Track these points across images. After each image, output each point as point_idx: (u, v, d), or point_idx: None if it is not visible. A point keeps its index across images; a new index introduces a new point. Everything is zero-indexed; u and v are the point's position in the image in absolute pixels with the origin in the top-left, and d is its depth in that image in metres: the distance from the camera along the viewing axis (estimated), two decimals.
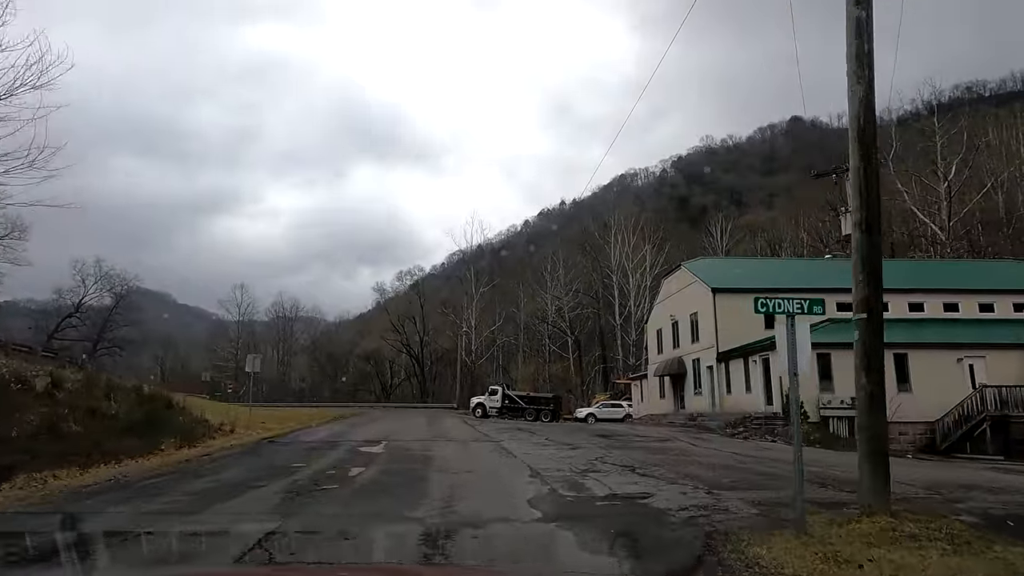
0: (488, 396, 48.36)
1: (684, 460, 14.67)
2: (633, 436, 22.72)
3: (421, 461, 13.96)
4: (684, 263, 36.71)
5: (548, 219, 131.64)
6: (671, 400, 36.42)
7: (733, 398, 29.54)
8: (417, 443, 19.18)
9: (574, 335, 65.36)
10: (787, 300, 6.87)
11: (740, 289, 31.50)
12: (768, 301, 6.93)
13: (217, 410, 32.37)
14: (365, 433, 23.90)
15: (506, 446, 18.22)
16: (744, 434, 23.51)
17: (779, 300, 6.87)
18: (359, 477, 11.17)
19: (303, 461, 13.92)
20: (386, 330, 75.89)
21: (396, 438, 21.40)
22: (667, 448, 18.22)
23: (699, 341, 32.88)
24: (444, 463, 13.67)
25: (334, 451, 16.59)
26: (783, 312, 6.84)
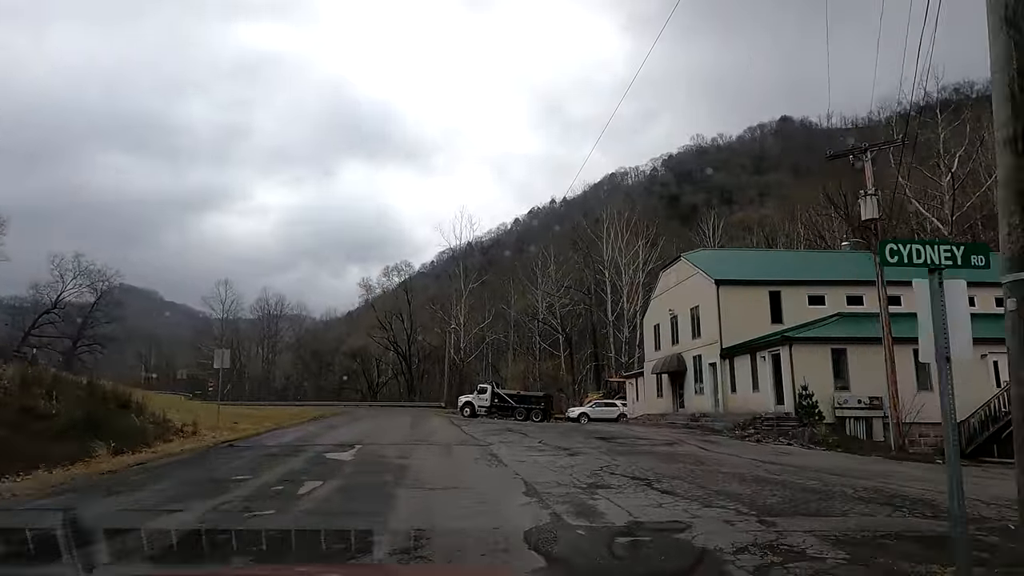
0: (477, 395, 45.96)
1: (705, 470, 12.32)
2: (635, 439, 20.37)
3: (394, 472, 11.52)
4: (684, 254, 34.44)
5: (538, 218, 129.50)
6: (669, 399, 34.14)
7: (738, 397, 27.27)
8: (394, 448, 16.73)
9: (565, 332, 63.03)
10: (930, 246, 4.41)
11: (745, 281, 29.31)
12: (900, 247, 4.46)
13: (189, 409, 29.82)
14: (340, 435, 21.42)
15: (495, 451, 15.81)
16: (755, 436, 21.23)
17: (917, 247, 4.42)
18: (309, 497, 8.72)
19: (251, 472, 11.44)
20: (373, 327, 73.20)
21: (372, 441, 18.94)
22: (678, 454, 15.87)
23: (700, 336, 30.60)
24: (421, 475, 11.23)
25: (295, 458, 14.11)
26: (925, 264, 4.39)
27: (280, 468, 12.25)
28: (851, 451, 19.43)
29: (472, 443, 18.66)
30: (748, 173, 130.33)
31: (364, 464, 13.05)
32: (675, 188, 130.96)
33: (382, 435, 22.04)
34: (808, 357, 23.57)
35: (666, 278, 35.54)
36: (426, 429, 25.79)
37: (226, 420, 32.42)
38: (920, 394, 22.54)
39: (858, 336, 24.04)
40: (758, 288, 28.98)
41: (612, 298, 60.47)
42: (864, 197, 22.29)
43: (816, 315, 27.67)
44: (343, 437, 20.47)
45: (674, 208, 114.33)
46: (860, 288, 28.62)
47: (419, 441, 19.10)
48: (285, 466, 12.57)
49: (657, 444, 18.59)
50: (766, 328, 27.98)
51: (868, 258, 33.86)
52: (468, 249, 78.00)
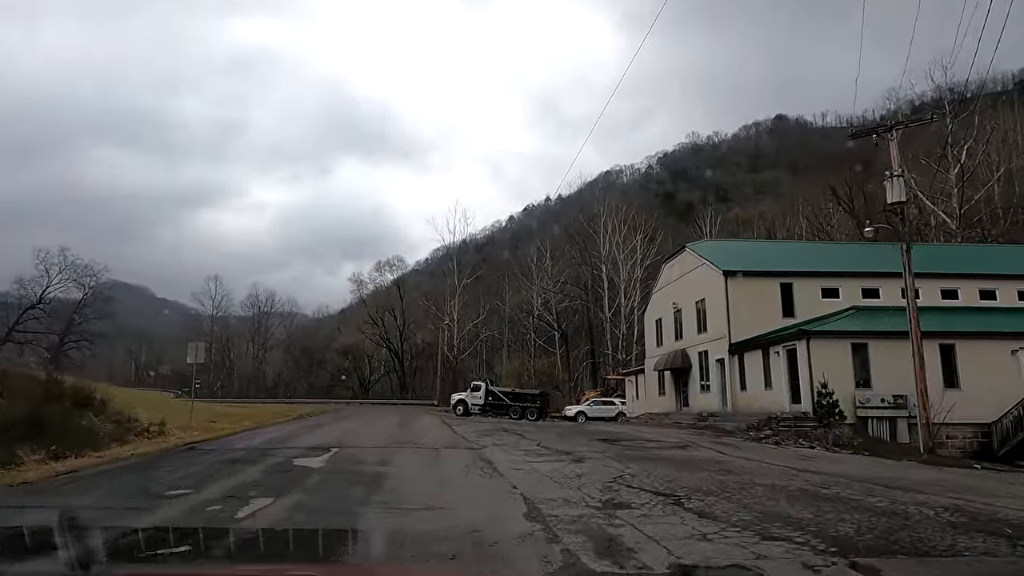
0: (470, 392, 43.95)
1: (737, 481, 10.32)
2: (643, 441, 18.36)
3: (367, 485, 9.48)
4: (689, 245, 32.46)
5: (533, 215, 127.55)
6: (672, 397, 32.18)
7: (749, 395, 25.33)
8: (375, 452, 14.70)
9: (561, 329, 61.06)
10: None
11: (755, 272, 27.37)
12: None
13: (167, 407, 27.84)
14: (319, 436, 19.36)
15: (489, 456, 13.77)
16: (773, 438, 19.28)
17: None
18: (246, 522, 6.66)
19: (194, 485, 9.38)
20: (364, 323, 71.00)
21: (352, 444, 16.89)
22: (696, 460, 13.87)
23: (707, 331, 28.65)
24: (399, 489, 9.20)
25: (256, 465, 12.04)
26: None
27: (232, 479, 10.19)
28: (879, 454, 17.52)
29: (463, 446, 16.62)
30: (744, 171, 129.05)
31: (335, 473, 10.99)
32: (671, 186, 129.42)
33: (365, 436, 19.98)
34: (827, 352, 21.64)
35: (669, 270, 33.56)
36: (415, 429, 23.73)
37: (204, 419, 30.33)
38: (947, 392, 20.71)
39: (880, 330, 22.14)
40: (768, 280, 27.04)
41: (609, 294, 58.53)
42: (890, 179, 20.32)
43: (829, 309, 25.76)
44: (322, 438, 18.40)
45: (670, 205, 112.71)
46: (877, 280, 26.77)
47: (404, 443, 17.04)
48: (239, 476, 10.50)
49: (668, 447, 16.59)
50: (777, 322, 26.09)
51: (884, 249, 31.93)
52: (463, 246, 75.96)
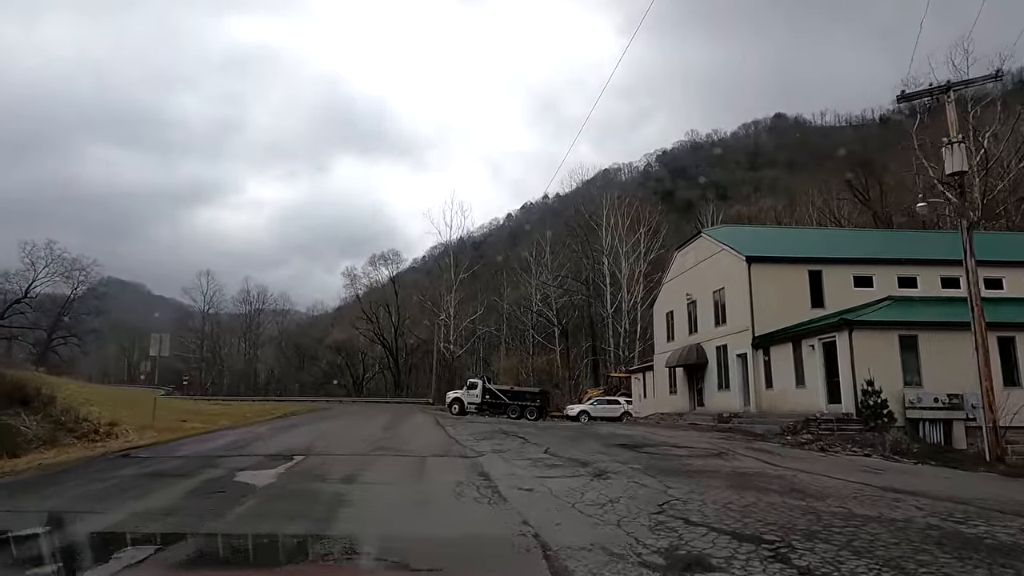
0: (466, 390, 41.03)
1: (826, 510, 7.39)
2: (666, 446, 15.42)
3: (316, 518, 6.54)
4: (705, 230, 29.53)
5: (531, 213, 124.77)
6: (685, 396, 29.26)
7: (776, 394, 22.43)
8: (347, 462, 11.76)
9: (561, 325, 58.11)
10: None
11: (781, 258, 24.50)
12: None
13: (135, 405, 24.88)
14: (288, 440, 16.40)
15: (487, 468, 10.83)
16: (816, 443, 16.37)
17: None
18: None
19: (67, 516, 6.38)
20: (358, 318, 67.91)
21: (324, 450, 13.95)
22: (746, 474, 10.94)
23: (726, 324, 25.75)
24: (358, 526, 6.27)
25: (182, 483, 9.09)
26: None
27: (135, 504, 7.25)
28: (947, 464, 14.61)
29: (456, 452, 13.66)
30: (743, 169, 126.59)
31: (280, 497, 8.03)
32: (669, 184, 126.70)
33: (343, 439, 17.03)
34: (872, 345, 18.73)
35: (682, 258, 30.58)
36: (403, 431, 20.77)
37: (175, 418, 27.55)
38: (1009, 391, 17.81)
39: (933, 321, 19.27)
40: (796, 267, 24.16)
41: (611, 289, 55.62)
42: (949, 146, 17.41)
43: (862, 299, 22.85)
44: (291, 443, 15.44)
45: (669, 203, 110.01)
46: (914, 268, 23.95)
47: (386, 450, 14.07)
48: (148, 500, 7.55)
49: (702, 455, 13.65)
50: (805, 313, 23.24)
51: (917, 236, 29.02)
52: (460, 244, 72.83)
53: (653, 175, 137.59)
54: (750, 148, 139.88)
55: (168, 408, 31.08)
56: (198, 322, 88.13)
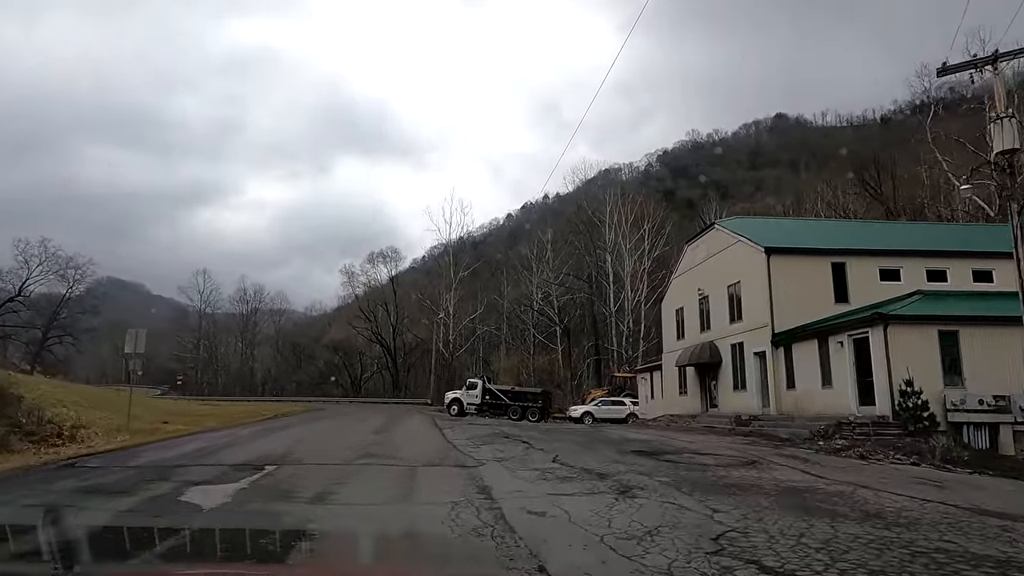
0: (466, 391, 39.26)
1: (936, 548, 5.62)
2: (691, 453, 13.63)
3: (267, 552, 4.75)
4: (720, 221, 27.75)
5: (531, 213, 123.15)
6: (697, 397, 27.47)
7: (799, 395, 20.64)
8: (326, 473, 10.01)
9: (563, 324, 56.32)
10: None
11: (802, 250, 22.74)
12: None
13: (113, 406, 23.19)
14: (267, 445, 14.63)
15: (489, 482, 9.06)
16: (853, 450, 14.59)
17: None
18: None
19: None
20: (356, 316, 66.06)
21: (302, 458, 12.18)
22: (799, 489, 9.16)
23: (742, 320, 23.99)
24: (312, 568, 4.45)
25: (116, 501, 7.35)
26: None
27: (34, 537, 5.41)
28: (1003, 473, 12.84)
29: (452, 461, 11.88)
30: (744, 168, 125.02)
31: (225, 526, 6.22)
32: (670, 183, 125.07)
33: (329, 445, 15.26)
34: (909, 342, 16.96)
35: (693, 252, 28.78)
36: (397, 435, 18.98)
37: (156, 419, 25.89)
38: None
39: (974, 315, 17.52)
40: (818, 259, 22.39)
41: (614, 287, 53.85)
42: (997, 122, 15.66)
43: (889, 293, 21.04)
44: (268, 448, 13.69)
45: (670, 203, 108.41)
46: (944, 260, 22.20)
47: (374, 457, 12.27)
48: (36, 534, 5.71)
49: (732, 464, 11.87)
50: (828, 308, 21.47)
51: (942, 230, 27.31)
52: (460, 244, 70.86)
53: (654, 175, 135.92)
54: (751, 148, 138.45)
55: (154, 409, 29.35)
56: (194, 321, 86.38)
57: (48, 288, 74.43)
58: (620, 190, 57.85)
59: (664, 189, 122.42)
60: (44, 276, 72.22)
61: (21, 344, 74.31)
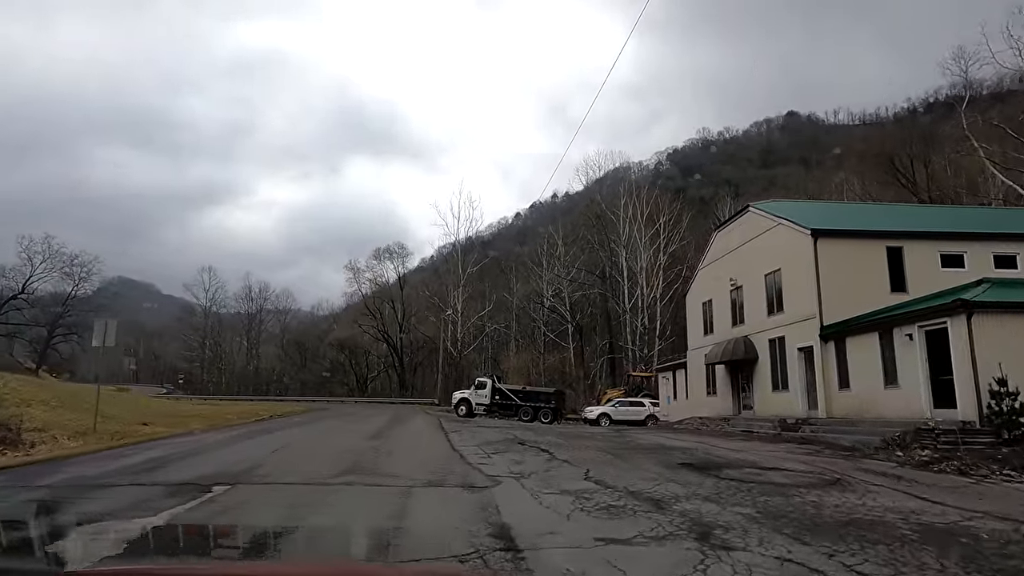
0: (474, 390, 36.72)
1: None
2: (751, 468, 10.92)
3: None
4: (755, 204, 24.89)
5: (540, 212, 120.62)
6: (728, 398, 24.71)
7: (855, 396, 17.85)
8: (291, 496, 7.42)
9: (575, 321, 53.59)
10: None
11: (853, 233, 19.98)
12: None
13: (92, 407, 20.79)
14: (237, 453, 12.08)
15: (507, 517, 6.41)
16: (942, 463, 11.84)
17: None
18: None
19: None
20: (362, 314, 63.56)
21: (269, 473, 9.54)
22: (939, 528, 6.49)
23: (782, 312, 21.24)
24: None
25: None
26: None
27: None
28: None
29: (459, 479, 9.21)
30: (755, 167, 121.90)
31: None
32: (680, 181, 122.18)
33: (311, 454, 12.67)
34: (1000, 334, 14.15)
35: (724, 239, 25.97)
36: (396, 439, 16.38)
37: (137, 420, 23.48)
38: None
39: None
40: (871, 243, 19.63)
41: (628, 283, 51.08)
42: None
43: (951, 281, 18.18)
44: (234, 459, 11.12)
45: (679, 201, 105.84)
46: (1014, 245, 19.34)
47: (359, 474, 9.63)
48: None
49: (817, 485, 9.16)
50: (883, 299, 18.70)
51: (1012, 213, 24.48)
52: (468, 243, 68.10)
53: (664, 173, 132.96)
54: (763, 146, 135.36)
55: (141, 410, 26.94)
56: (200, 320, 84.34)
57: (54, 286, 72.50)
58: (634, 184, 55.06)
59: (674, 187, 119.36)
60: (48, 273, 70.23)
61: (26, 343, 72.43)
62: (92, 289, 78.47)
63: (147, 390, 69.04)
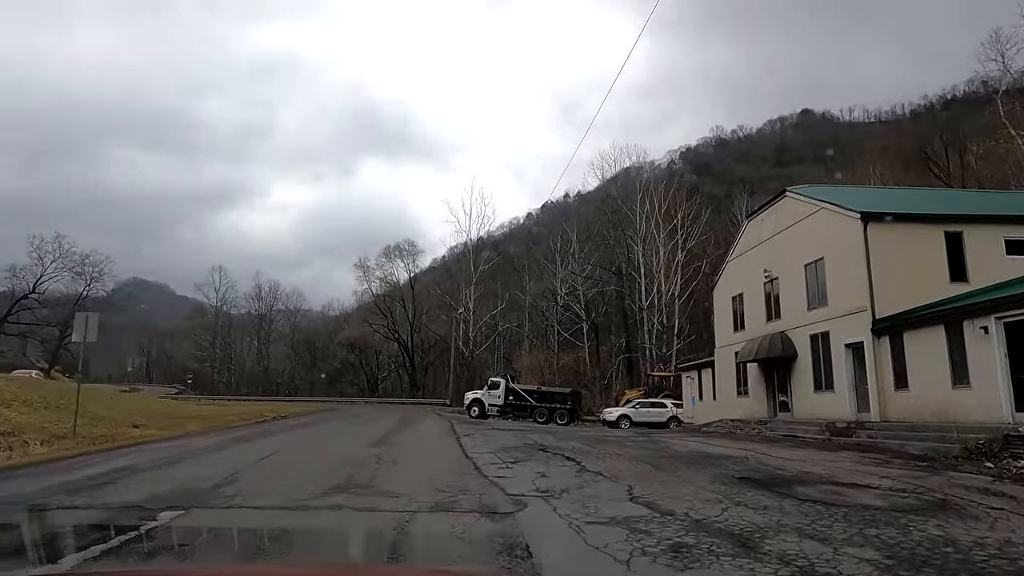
0: (487, 391, 34.90)
1: None
2: (824, 483, 8.98)
3: None
4: (792, 189, 22.79)
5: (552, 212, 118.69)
6: (762, 398, 22.67)
7: (914, 397, 15.78)
8: (260, 522, 5.54)
9: (590, 320, 51.61)
10: None
11: (911, 216, 17.91)
12: None
13: (85, 408, 19.28)
14: (224, 460, 10.36)
15: (540, 556, 4.52)
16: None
17: None
18: None
19: None
20: (372, 312, 61.92)
21: (241, 491, 7.65)
22: None
23: (826, 304, 19.20)
24: None
25: None
26: None
27: None
28: None
29: (473, 500, 7.30)
30: (769, 165, 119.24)
31: None
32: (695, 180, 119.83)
33: (298, 466, 10.84)
34: None
35: (756, 227, 23.91)
36: (401, 445, 14.57)
37: (128, 423, 21.94)
38: None
39: None
40: (928, 228, 17.57)
41: (645, 281, 49.01)
42: None
43: (1017, 270, 16.08)
44: (209, 471, 9.31)
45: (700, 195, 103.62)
46: None
47: (351, 492, 7.77)
48: None
49: (926, 509, 7.19)
50: (942, 289, 16.65)
51: None
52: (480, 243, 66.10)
53: (677, 171, 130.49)
54: (777, 144, 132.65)
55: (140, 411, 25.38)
56: (211, 319, 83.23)
57: (66, 287, 71.64)
58: (651, 178, 53.04)
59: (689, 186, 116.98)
60: (59, 273, 69.33)
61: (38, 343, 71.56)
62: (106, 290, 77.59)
63: (159, 390, 67.95)
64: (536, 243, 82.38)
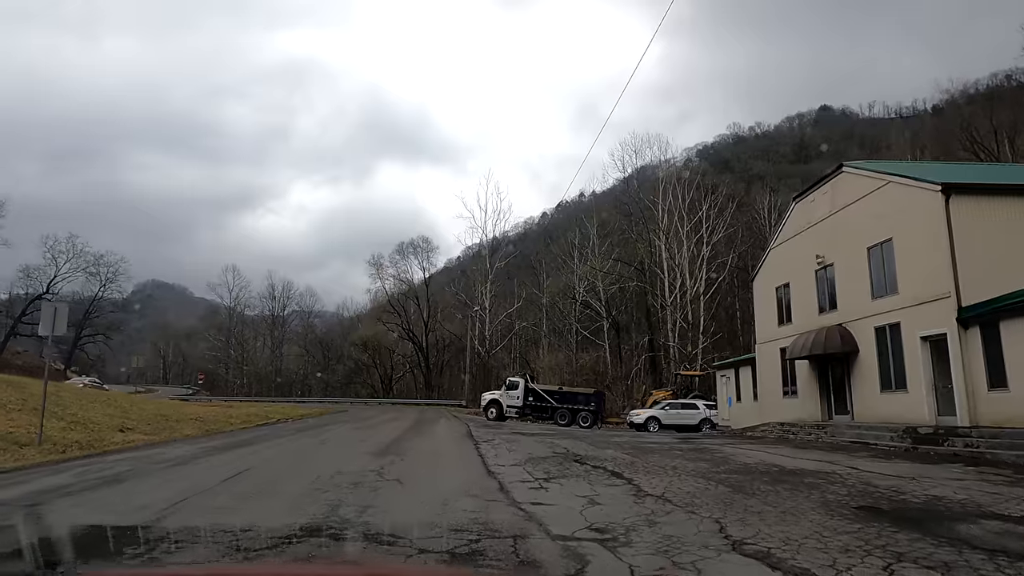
0: (505, 391, 32.62)
1: None
2: (988, 520, 6.60)
3: None
4: (848, 163, 20.16)
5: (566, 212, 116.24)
6: (814, 399, 20.06)
7: (1017, 399, 13.14)
8: None
9: (611, 317, 49.10)
10: None
11: (999, 188, 15.26)
12: None
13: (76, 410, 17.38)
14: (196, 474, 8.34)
15: None
16: None
17: None
18: None
19: None
20: (386, 311, 59.84)
21: (186, 526, 5.32)
22: None
23: (896, 292, 16.62)
24: None
25: None
26: None
27: None
28: None
29: (500, 553, 4.98)
30: (788, 161, 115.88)
31: None
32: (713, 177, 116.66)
33: (279, 485, 8.54)
34: None
35: (806, 209, 21.23)
36: (409, 458, 12.27)
37: (115, 426, 19.99)
38: None
39: None
40: (1019, 201, 14.92)
41: (669, 276, 46.40)
42: None
43: None
44: (157, 494, 7.11)
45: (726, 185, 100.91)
46: None
47: (336, 528, 5.47)
48: None
49: None
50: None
51: None
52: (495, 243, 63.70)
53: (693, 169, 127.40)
54: (796, 140, 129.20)
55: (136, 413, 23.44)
56: (225, 319, 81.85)
57: (81, 288, 70.55)
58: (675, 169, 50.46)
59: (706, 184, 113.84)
60: (72, 274, 68.18)
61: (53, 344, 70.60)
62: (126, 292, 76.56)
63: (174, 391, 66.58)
64: (551, 241, 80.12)
